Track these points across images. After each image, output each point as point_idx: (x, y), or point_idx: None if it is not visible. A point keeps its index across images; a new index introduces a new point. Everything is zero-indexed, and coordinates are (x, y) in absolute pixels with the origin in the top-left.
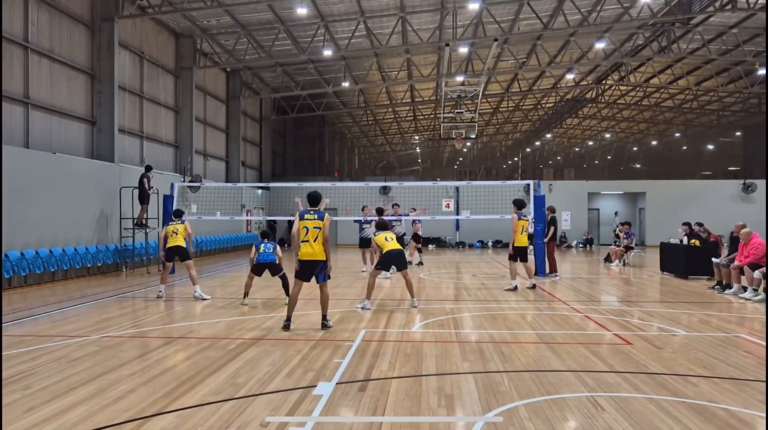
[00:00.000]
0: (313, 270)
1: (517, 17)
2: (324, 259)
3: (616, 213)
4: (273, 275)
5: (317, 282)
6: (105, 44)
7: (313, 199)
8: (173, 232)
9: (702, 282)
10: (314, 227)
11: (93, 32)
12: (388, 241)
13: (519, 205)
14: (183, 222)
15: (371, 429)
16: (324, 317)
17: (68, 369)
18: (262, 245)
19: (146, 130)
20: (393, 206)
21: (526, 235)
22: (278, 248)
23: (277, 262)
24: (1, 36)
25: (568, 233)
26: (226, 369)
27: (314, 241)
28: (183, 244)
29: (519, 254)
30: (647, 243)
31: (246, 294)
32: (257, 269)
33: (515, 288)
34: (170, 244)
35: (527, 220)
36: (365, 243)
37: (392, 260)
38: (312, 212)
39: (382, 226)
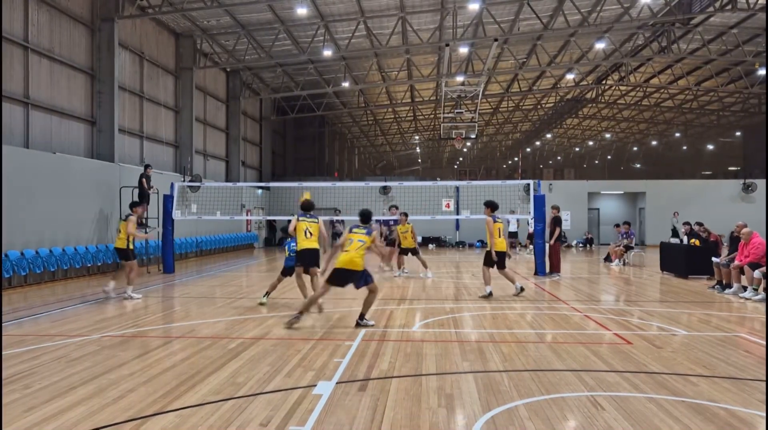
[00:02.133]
0: (349, 279)
1: (517, 17)
2: (360, 270)
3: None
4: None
5: (356, 288)
6: (105, 44)
7: (365, 216)
8: (117, 230)
9: (702, 282)
10: (358, 240)
11: (93, 32)
12: (307, 237)
13: (491, 206)
14: (126, 219)
15: (371, 429)
16: (361, 316)
17: (68, 369)
18: (292, 243)
19: (146, 130)
20: (390, 208)
21: (503, 239)
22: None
23: None
24: (1, 36)
25: (568, 233)
26: (226, 369)
27: (355, 250)
28: (122, 245)
29: (499, 260)
30: (647, 243)
31: (268, 293)
32: (287, 271)
33: (490, 294)
34: (116, 244)
35: (501, 222)
36: (392, 244)
37: (306, 258)
38: (362, 227)
39: (307, 207)
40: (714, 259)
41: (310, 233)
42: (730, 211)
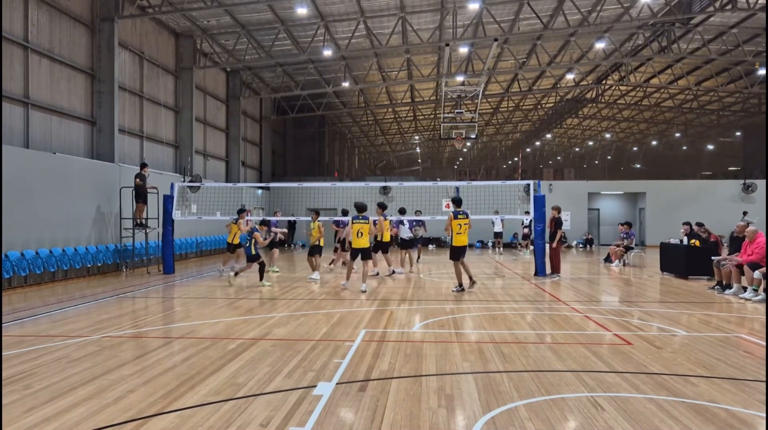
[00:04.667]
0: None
1: (517, 17)
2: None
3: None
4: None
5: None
6: (105, 44)
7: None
8: (228, 231)
9: (702, 282)
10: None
11: (93, 32)
12: (359, 237)
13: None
14: (236, 222)
15: (371, 429)
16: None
17: (68, 369)
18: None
19: (146, 130)
20: (415, 212)
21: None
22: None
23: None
24: (1, 36)
25: (568, 233)
26: (226, 369)
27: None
28: (231, 240)
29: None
30: (647, 243)
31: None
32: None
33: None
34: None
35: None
36: (406, 244)
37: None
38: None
39: (361, 208)
40: (714, 258)
41: (362, 234)
42: (730, 212)
